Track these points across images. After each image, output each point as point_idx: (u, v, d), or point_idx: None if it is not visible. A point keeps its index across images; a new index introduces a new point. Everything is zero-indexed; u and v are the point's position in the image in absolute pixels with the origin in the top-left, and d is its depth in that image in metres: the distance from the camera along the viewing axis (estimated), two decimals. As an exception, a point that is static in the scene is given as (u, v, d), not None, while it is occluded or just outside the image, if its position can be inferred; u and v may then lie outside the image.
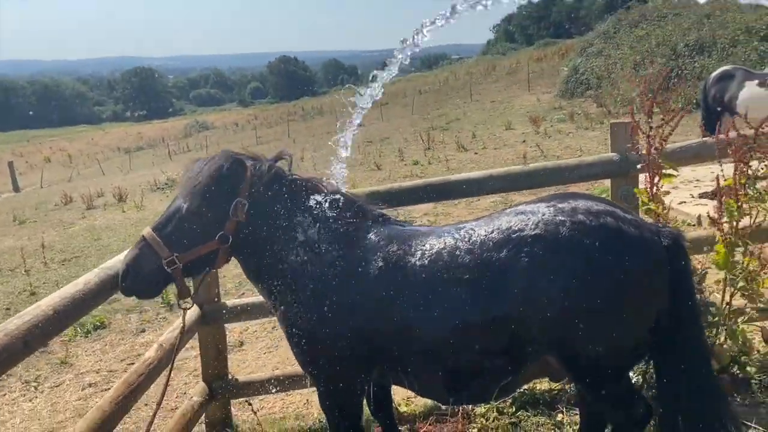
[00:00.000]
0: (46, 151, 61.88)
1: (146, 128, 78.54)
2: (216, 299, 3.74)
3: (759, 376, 3.60)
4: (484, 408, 3.64)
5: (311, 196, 2.72)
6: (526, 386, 3.74)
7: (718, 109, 9.98)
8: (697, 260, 3.59)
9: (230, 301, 3.80)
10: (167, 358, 3.13)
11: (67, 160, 49.71)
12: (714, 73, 10.41)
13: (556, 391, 3.81)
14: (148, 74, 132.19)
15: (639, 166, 3.33)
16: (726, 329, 3.43)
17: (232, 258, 2.77)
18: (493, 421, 3.59)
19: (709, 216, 3.23)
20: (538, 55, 52.07)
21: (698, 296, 2.88)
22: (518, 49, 73.50)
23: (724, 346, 3.48)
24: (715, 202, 3.34)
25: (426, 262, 2.52)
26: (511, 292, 2.38)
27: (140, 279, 2.56)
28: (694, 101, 15.46)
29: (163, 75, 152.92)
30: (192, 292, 2.76)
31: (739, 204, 3.10)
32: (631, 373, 3.04)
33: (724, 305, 3.40)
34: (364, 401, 2.90)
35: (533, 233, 2.40)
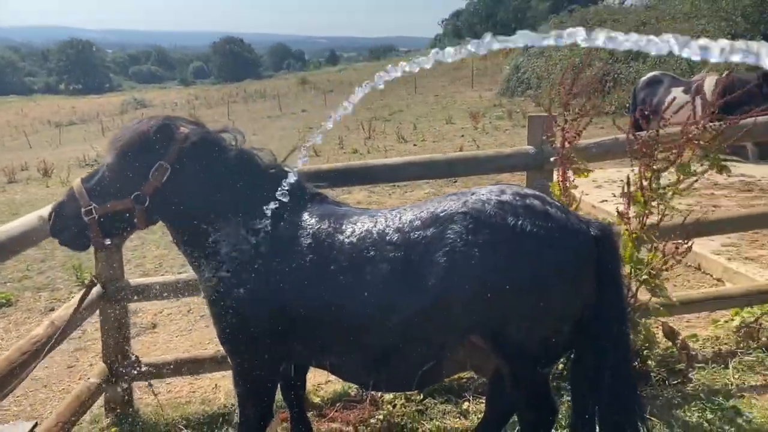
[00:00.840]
0: (-30, 120, 58.67)
1: (81, 102, 75.56)
2: (120, 278, 3.58)
3: (659, 370, 3.72)
4: (392, 395, 3.62)
5: (248, 170, 2.68)
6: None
7: (647, 113, 10.32)
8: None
9: (134, 280, 3.64)
10: (61, 337, 2.97)
11: (-7, 131, 47.29)
12: (643, 78, 10.76)
13: (464, 380, 3.82)
14: (85, 47, 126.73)
15: (552, 159, 3.36)
16: (629, 323, 3.50)
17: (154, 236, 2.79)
18: (400, 408, 3.57)
19: (617, 211, 3.29)
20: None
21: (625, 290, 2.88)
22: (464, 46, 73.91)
23: (627, 339, 3.56)
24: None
25: (354, 240, 2.49)
26: (435, 270, 2.34)
27: (62, 224, 2.69)
28: (627, 105, 15.96)
29: (101, 49, 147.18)
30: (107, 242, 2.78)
31: (645, 200, 3.17)
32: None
33: (629, 299, 3.48)
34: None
35: (460, 211, 2.38)
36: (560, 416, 3.09)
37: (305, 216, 2.63)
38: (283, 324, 2.55)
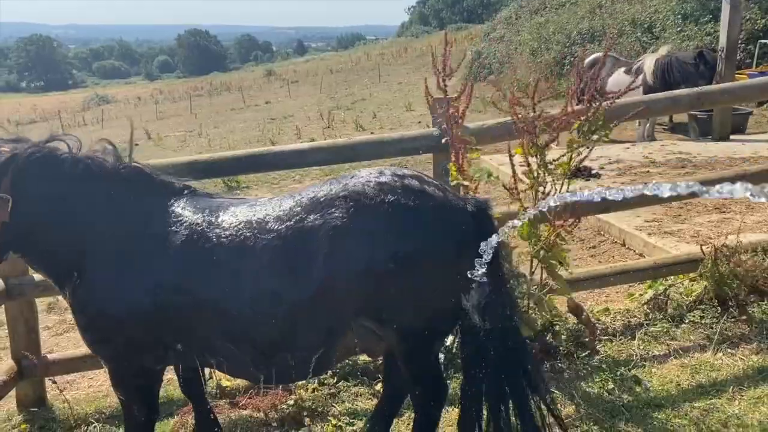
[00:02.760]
0: (-75, 121, 57.12)
1: (42, 100, 74.06)
2: (24, 272, 3.54)
3: (568, 344, 3.79)
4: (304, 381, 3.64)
5: (97, 176, 2.57)
6: (348, 360, 3.77)
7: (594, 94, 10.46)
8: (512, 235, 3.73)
9: (39, 275, 3.60)
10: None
11: (-51, 132, 46.10)
12: (586, 60, 10.87)
13: (381, 362, 3.86)
14: (45, 43, 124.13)
15: (444, 140, 3.40)
16: (533, 299, 3.57)
17: None
18: (312, 392, 3.60)
19: (505, 186, 3.34)
20: (448, 38, 52.75)
21: (506, 265, 2.91)
22: (431, 33, 74.17)
23: (533, 315, 3.62)
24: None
25: (233, 231, 2.45)
26: (319, 256, 2.34)
27: None
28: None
29: (63, 44, 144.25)
30: None
31: (534, 175, 3.22)
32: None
33: (530, 276, 3.54)
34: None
35: (340, 195, 2.39)
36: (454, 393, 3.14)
37: (176, 211, 2.55)
38: (158, 325, 2.50)
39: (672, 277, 4.33)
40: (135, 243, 2.51)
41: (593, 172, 7.88)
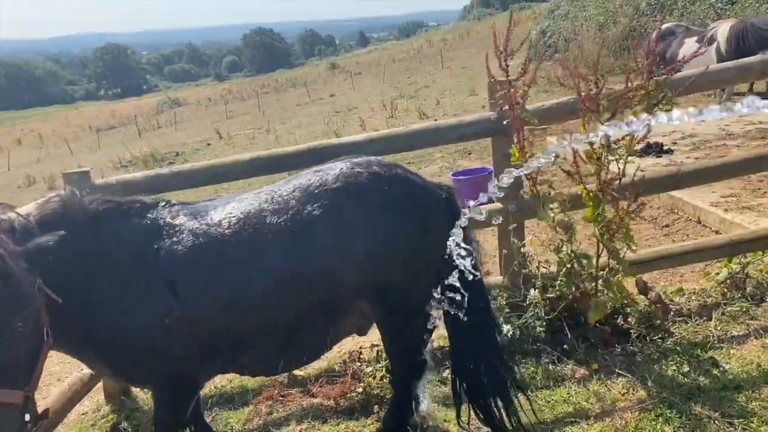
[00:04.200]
0: (17, 132, 60.85)
1: (120, 106, 77.35)
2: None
3: (639, 327, 3.69)
4: (373, 367, 3.70)
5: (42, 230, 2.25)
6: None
7: (661, 66, 10.03)
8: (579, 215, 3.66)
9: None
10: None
11: (38, 141, 48.92)
12: (656, 31, 10.43)
13: (446, 348, 3.87)
14: (120, 51, 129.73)
15: (505, 122, 3.34)
16: (602, 281, 3.49)
17: None
18: (380, 380, 3.65)
19: (561, 169, 3.26)
20: (512, 19, 51.79)
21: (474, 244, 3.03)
22: (494, 15, 72.89)
23: (602, 297, 3.54)
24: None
25: (236, 230, 2.47)
26: (324, 244, 2.51)
27: None
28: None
29: (136, 51, 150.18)
30: None
31: (597, 156, 3.13)
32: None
33: (595, 258, 3.46)
34: None
35: (334, 186, 2.57)
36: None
37: (166, 226, 2.45)
38: (197, 340, 2.46)
39: (751, 254, 4.12)
40: (146, 268, 2.39)
41: (665, 147, 7.58)
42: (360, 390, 3.57)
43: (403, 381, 2.95)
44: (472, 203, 2.52)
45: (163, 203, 2.55)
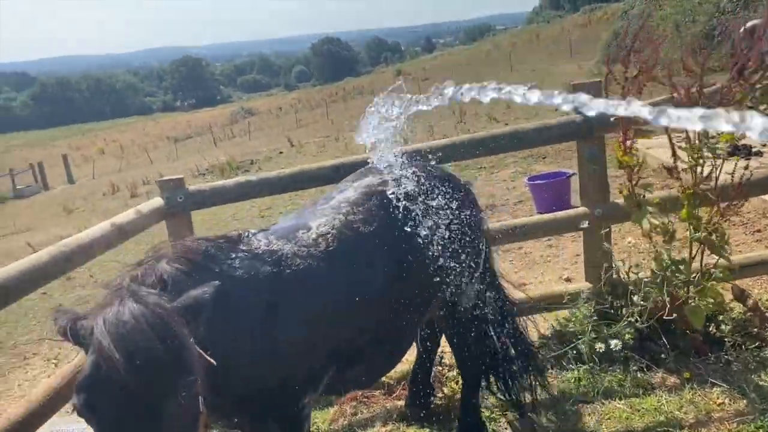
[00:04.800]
0: (100, 142, 64.05)
1: (195, 116, 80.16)
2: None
3: (734, 335, 3.55)
4: (456, 372, 3.70)
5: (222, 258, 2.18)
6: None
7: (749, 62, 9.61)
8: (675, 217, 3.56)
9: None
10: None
11: (120, 151, 51.32)
12: (743, 28, 10.00)
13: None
14: (195, 63, 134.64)
15: (612, 119, 3.27)
16: (694, 287, 3.38)
17: None
18: (463, 384, 3.65)
19: (663, 166, 3.17)
20: (583, 21, 50.80)
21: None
22: (564, 16, 71.58)
23: (696, 304, 3.42)
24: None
25: (336, 246, 2.39)
26: (409, 248, 2.58)
27: None
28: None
29: (210, 63, 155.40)
30: None
31: (694, 154, 3.04)
32: None
33: (690, 262, 3.35)
34: None
35: (407, 191, 2.64)
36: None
37: (266, 254, 2.25)
38: (318, 363, 2.36)
39: None
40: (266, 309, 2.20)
41: (754, 149, 7.25)
42: (442, 394, 3.58)
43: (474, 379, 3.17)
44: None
45: (247, 234, 2.33)
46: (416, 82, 44.21)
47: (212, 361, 1.76)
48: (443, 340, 3.42)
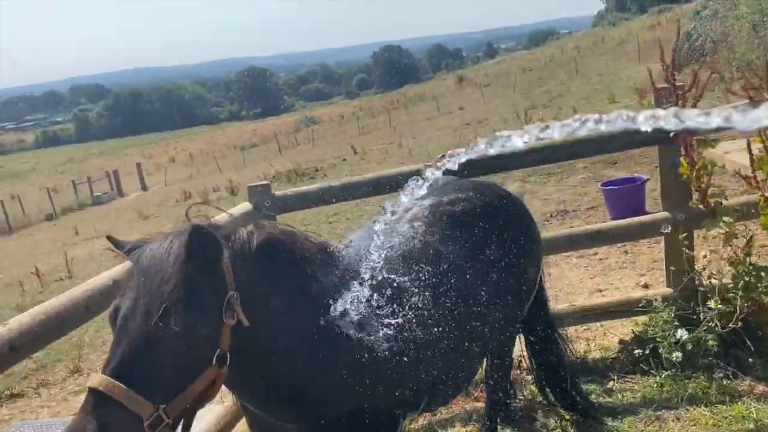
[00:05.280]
0: (171, 151, 66.41)
1: (260, 125, 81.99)
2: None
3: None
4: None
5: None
6: (577, 355, 3.81)
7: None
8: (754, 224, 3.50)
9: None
10: None
11: (189, 160, 53.06)
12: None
13: (609, 360, 3.83)
14: (260, 73, 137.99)
15: (671, 134, 3.26)
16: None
17: None
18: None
19: (741, 175, 3.12)
20: (651, 22, 49.41)
21: None
22: (630, 19, 69.80)
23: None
24: None
25: (423, 262, 2.34)
26: (492, 260, 2.57)
27: None
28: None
29: (274, 73, 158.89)
30: None
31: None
32: None
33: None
34: None
35: (479, 211, 2.64)
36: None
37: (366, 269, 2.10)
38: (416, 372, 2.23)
39: None
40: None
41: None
42: (521, 397, 3.62)
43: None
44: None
45: (330, 246, 2.20)
46: (479, 88, 44.03)
47: (244, 320, 1.74)
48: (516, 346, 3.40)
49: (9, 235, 28.04)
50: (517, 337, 3.24)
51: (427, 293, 2.25)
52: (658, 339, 3.62)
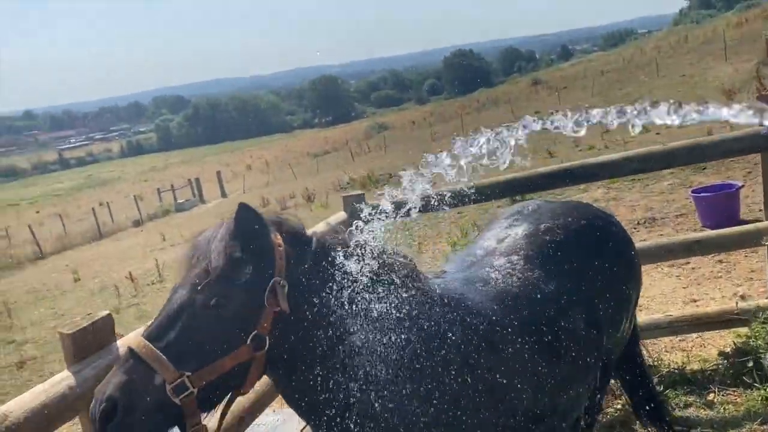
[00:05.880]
0: (247, 159, 68.43)
1: (332, 133, 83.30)
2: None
3: None
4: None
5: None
6: (674, 366, 3.75)
7: None
8: None
9: None
10: None
11: (265, 167, 54.49)
12: None
13: (708, 371, 3.74)
14: (331, 81, 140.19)
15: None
16: None
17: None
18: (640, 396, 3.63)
19: None
20: (738, 19, 47.28)
21: None
22: (715, 16, 66.97)
23: None
24: None
25: (540, 286, 2.30)
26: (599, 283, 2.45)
27: (135, 419, 1.60)
28: None
29: (345, 81, 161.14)
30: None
31: None
32: None
33: None
34: None
35: (587, 231, 2.55)
36: None
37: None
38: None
39: None
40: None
41: None
42: (619, 406, 3.59)
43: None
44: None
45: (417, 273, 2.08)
46: (554, 91, 43.25)
47: (285, 307, 1.74)
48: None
49: (99, 241, 29.65)
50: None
51: (526, 335, 2.12)
52: (760, 351, 3.52)
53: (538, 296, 2.23)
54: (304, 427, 3.51)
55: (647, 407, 3.17)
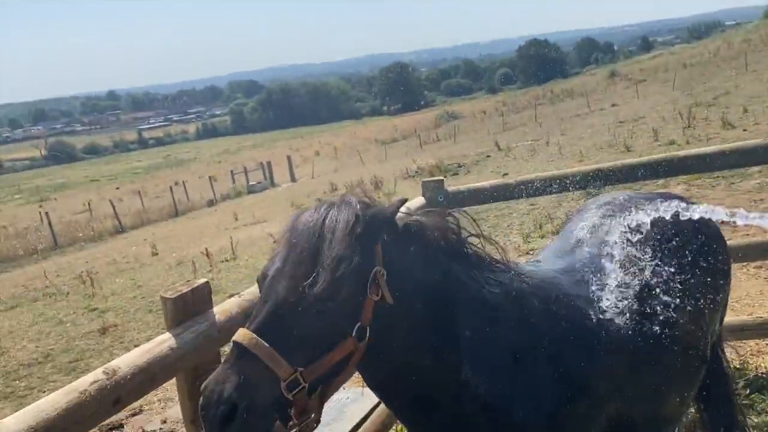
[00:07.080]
0: (316, 145, 69.43)
1: (400, 120, 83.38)
2: None
3: None
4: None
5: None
6: (762, 371, 3.61)
7: None
8: None
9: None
10: None
11: (333, 153, 55.17)
12: None
13: (798, 378, 3.58)
14: (402, 69, 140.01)
15: None
16: None
17: None
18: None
19: None
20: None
21: None
22: (811, 7, 62.95)
23: None
24: None
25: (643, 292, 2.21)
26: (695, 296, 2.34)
27: (252, 420, 1.54)
28: None
29: (416, 68, 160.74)
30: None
31: None
32: None
33: None
34: None
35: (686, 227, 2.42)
36: None
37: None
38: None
39: None
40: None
41: None
42: (693, 410, 3.47)
43: None
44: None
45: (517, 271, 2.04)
46: (632, 84, 41.83)
47: (388, 297, 1.71)
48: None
49: (175, 218, 30.83)
50: None
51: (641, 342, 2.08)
52: None
53: (649, 294, 2.19)
54: (376, 405, 3.58)
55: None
